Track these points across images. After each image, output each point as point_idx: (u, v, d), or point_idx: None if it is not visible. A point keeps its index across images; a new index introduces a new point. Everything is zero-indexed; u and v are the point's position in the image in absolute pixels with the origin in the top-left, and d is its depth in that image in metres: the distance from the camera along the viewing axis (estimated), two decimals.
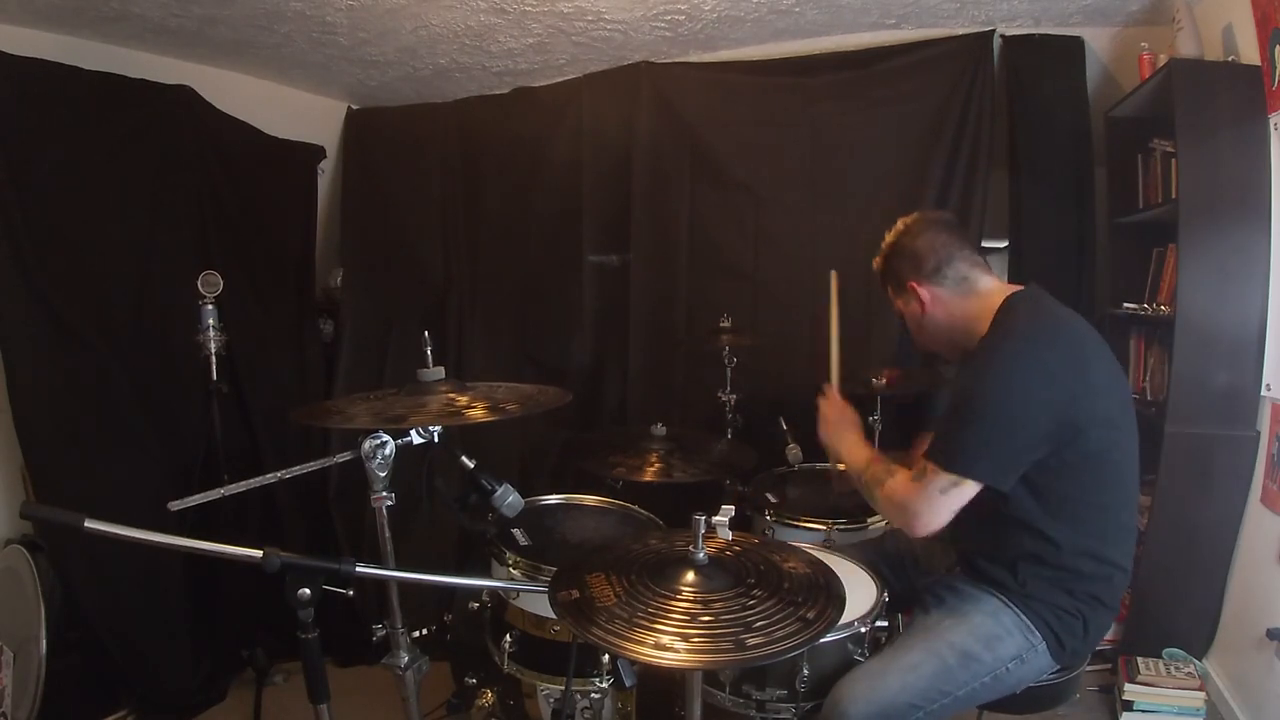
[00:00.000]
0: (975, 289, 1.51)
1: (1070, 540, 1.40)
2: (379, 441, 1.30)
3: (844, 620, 1.21)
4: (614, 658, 1.49)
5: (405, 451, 1.34)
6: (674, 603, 1.12)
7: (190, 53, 2.77)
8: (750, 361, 2.77)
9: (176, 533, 1.11)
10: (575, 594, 1.16)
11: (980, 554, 1.50)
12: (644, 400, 3.06)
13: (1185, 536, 2.29)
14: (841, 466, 1.66)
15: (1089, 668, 2.25)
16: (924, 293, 1.54)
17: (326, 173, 3.38)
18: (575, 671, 1.57)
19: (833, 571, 1.26)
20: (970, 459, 1.34)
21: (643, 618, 1.08)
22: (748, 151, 2.98)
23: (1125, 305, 2.58)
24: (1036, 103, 2.69)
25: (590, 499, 2.07)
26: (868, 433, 2.53)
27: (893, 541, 1.83)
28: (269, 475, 1.35)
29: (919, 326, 1.60)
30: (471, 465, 1.41)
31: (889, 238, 1.63)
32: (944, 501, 1.35)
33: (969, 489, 1.34)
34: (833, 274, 1.93)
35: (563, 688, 1.61)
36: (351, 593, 1.23)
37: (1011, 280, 1.85)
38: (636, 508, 2.01)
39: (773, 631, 1.05)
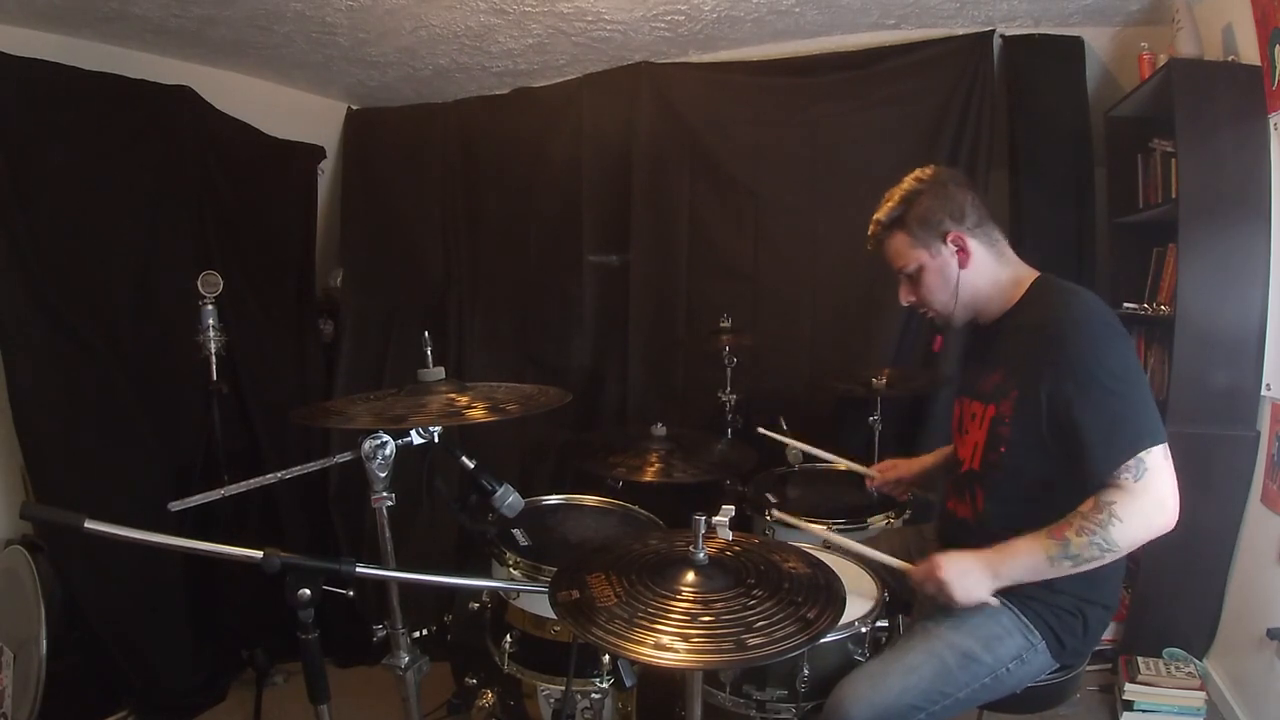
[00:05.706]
0: (1004, 256, 1.49)
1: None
2: (379, 442, 1.30)
3: (844, 620, 1.21)
4: (614, 658, 1.49)
5: (405, 452, 1.34)
6: (674, 603, 1.11)
7: (190, 53, 2.77)
8: (750, 361, 2.77)
9: (176, 533, 1.10)
10: (575, 594, 1.15)
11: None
12: (644, 400, 3.06)
13: (1185, 536, 2.21)
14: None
15: (1089, 668, 2.25)
16: (971, 244, 1.45)
17: (326, 173, 3.38)
18: (575, 672, 1.56)
19: (833, 571, 1.26)
20: (1156, 423, 1.30)
21: (643, 618, 1.07)
22: (748, 151, 2.98)
23: (1125, 305, 2.57)
24: (1036, 103, 2.69)
25: (590, 499, 2.07)
26: (868, 433, 2.56)
27: (889, 541, 1.82)
28: (269, 475, 1.35)
29: (944, 284, 1.47)
30: (472, 465, 1.41)
31: (911, 183, 1.50)
32: (1170, 469, 1.29)
33: (1165, 448, 1.29)
34: None
35: (563, 688, 1.61)
36: (351, 593, 1.23)
37: None
38: (637, 508, 2.00)
39: (773, 631, 1.05)
